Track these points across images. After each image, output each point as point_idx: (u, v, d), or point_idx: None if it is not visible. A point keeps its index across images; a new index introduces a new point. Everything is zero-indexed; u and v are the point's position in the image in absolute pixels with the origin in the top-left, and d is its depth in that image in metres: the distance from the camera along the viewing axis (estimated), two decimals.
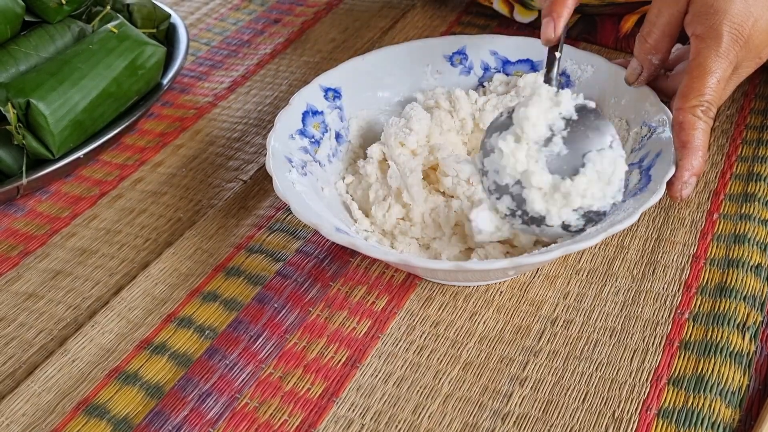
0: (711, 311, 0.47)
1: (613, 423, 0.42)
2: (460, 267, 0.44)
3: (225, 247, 0.56)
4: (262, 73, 0.77)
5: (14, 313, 0.54)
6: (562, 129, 0.47)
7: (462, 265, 0.43)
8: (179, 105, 0.74)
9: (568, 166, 0.47)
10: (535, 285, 0.50)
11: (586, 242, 0.43)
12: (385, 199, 0.52)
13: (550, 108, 0.47)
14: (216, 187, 0.63)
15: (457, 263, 0.44)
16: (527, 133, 0.47)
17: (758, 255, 0.50)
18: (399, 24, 0.80)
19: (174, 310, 0.51)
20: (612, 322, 0.47)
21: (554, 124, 0.47)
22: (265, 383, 0.46)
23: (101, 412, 0.45)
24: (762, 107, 0.63)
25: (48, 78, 0.62)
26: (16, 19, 0.65)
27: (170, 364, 0.48)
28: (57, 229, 0.61)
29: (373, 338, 0.48)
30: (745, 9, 0.48)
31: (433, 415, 0.43)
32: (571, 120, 0.47)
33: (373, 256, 0.46)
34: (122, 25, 0.67)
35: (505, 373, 0.45)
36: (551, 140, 0.47)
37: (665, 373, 0.44)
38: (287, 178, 0.51)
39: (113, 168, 0.67)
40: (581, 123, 0.47)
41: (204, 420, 0.44)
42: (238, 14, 0.88)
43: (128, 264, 0.56)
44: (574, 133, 0.47)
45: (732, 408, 0.42)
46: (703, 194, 0.55)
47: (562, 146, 0.47)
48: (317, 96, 0.58)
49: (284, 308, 0.50)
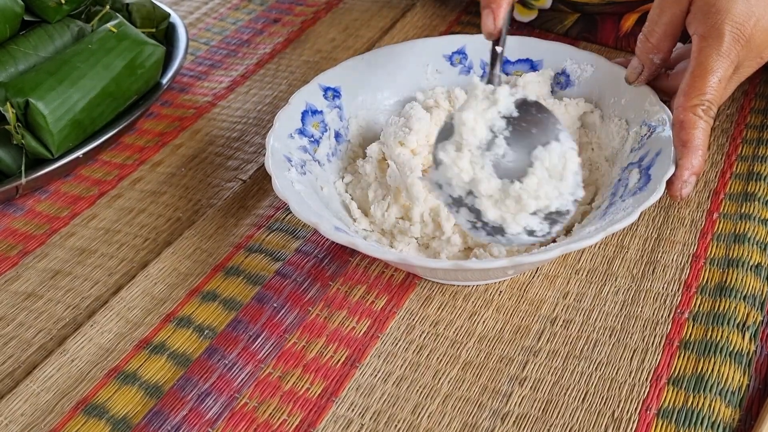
0: (711, 311, 0.47)
1: (613, 423, 0.41)
2: (460, 266, 0.43)
3: (224, 247, 0.56)
4: (261, 73, 0.77)
5: (13, 312, 0.53)
6: (503, 129, 0.44)
7: (461, 264, 0.43)
8: (178, 104, 0.74)
9: (517, 167, 0.44)
10: (534, 285, 0.50)
11: (585, 241, 0.43)
12: (384, 198, 0.52)
13: (487, 108, 0.44)
14: (215, 187, 0.63)
15: (456, 262, 0.43)
16: (467, 139, 0.44)
17: (758, 254, 0.50)
18: (399, 24, 0.80)
19: (173, 310, 0.51)
20: (612, 321, 0.47)
21: (494, 124, 0.44)
22: (264, 383, 0.46)
23: (100, 411, 0.45)
24: (762, 106, 0.63)
25: (47, 77, 0.62)
26: (15, 19, 0.65)
27: (169, 363, 0.48)
28: (56, 228, 0.61)
29: (372, 338, 0.48)
30: (746, 9, 0.48)
31: (432, 414, 0.43)
32: (512, 117, 0.44)
33: (373, 255, 0.46)
34: (121, 25, 0.67)
35: (504, 372, 0.45)
36: (494, 142, 0.44)
37: (665, 373, 0.44)
38: (286, 178, 0.50)
39: (112, 167, 0.66)
40: (523, 119, 0.44)
41: (203, 420, 0.44)
42: (238, 14, 0.88)
43: (127, 263, 0.56)
44: (517, 131, 0.44)
45: (732, 408, 0.41)
46: (703, 193, 0.55)
47: (506, 147, 0.44)
48: (317, 95, 0.58)
49: (283, 308, 0.50)
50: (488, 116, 0.44)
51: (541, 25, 0.75)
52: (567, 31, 0.74)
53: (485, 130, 0.44)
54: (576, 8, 0.73)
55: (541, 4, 0.74)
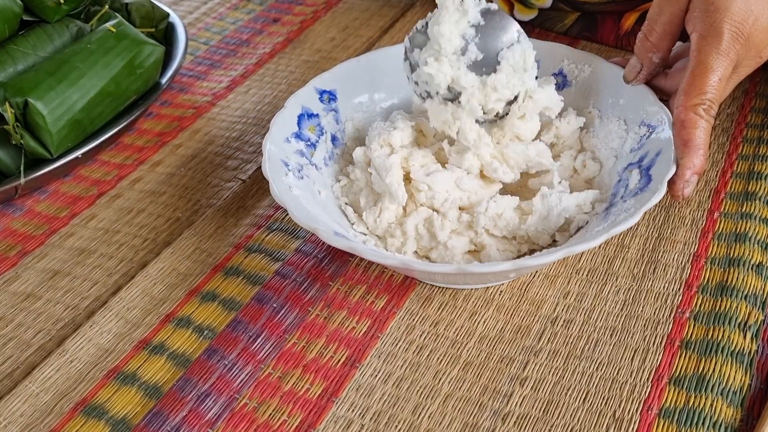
0: (712, 310, 0.47)
1: (614, 423, 0.41)
2: (462, 270, 0.43)
3: (224, 247, 0.56)
4: (261, 73, 0.77)
5: (12, 313, 0.53)
6: (473, 36, 0.51)
7: (464, 267, 0.43)
8: (178, 104, 0.74)
9: (487, 65, 0.51)
10: (535, 284, 0.50)
11: (588, 243, 0.43)
12: (375, 204, 0.52)
13: (459, 20, 0.50)
14: (215, 187, 0.63)
15: (459, 266, 0.43)
16: (445, 48, 0.50)
17: (759, 253, 0.50)
18: (398, 23, 0.80)
19: (172, 310, 0.51)
20: (612, 321, 0.47)
21: (466, 33, 0.51)
22: (264, 383, 0.46)
23: (99, 412, 0.45)
24: (763, 105, 0.62)
25: (46, 77, 0.61)
26: (14, 19, 0.65)
27: (169, 364, 0.48)
28: (55, 228, 0.61)
29: (372, 338, 0.48)
30: (745, 7, 0.48)
31: (432, 415, 0.43)
32: (480, 25, 0.51)
33: (374, 260, 0.46)
34: (120, 25, 0.67)
35: (505, 372, 0.45)
36: (467, 49, 0.50)
37: (666, 373, 0.43)
38: (284, 182, 0.50)
39: (112, 167, 0.66)
40: (489, 26, 0.51)
41: (203, 420, 0.44)
42: (237, 13, 0.88)
43: (127, 264, 0.56)
44: (485, 36, 0.51)
45: (733, 407, 0.41)
46: (703, 193, 0.55)
47: (477, 52, 0.50)
48: (312, 98, 0.58)
49: (283, 308, 0.50)
50: (461, 26, 0.51)
51: (542, 24, 0.75)
52: (567, 30, 0.74)
53: (459, 38, 0.50)
54: (576, 7, 0.73)
55: (541, 3, 0.74)
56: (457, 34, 0.50)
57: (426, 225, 0.51)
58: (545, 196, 0.50)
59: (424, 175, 0.51)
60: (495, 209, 0.50)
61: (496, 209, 0.50)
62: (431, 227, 0.50)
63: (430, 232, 0.50)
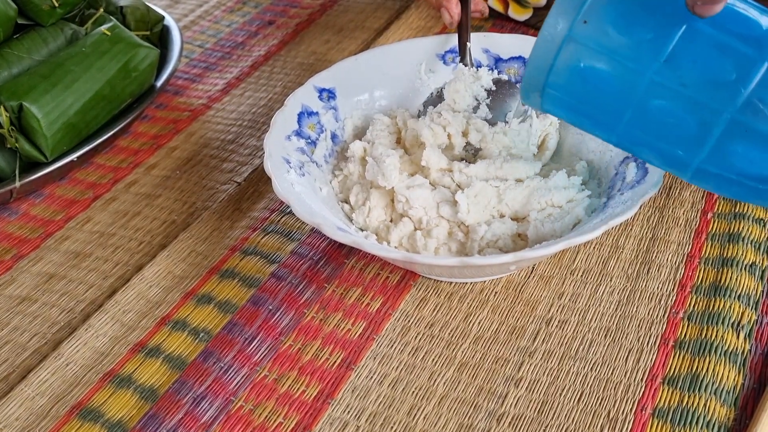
0: (705, 310, 0.47)
1: (609, 423, 0.41)
2: (465, 262, 0.44)
3: (219, 250, 0.56)
4: (256, 75, 0.77)
5: (8, 316, 0.53)
6: (485, 98, 0.57)
7: (466, 260, 0.44)
8: (173, 107, 0.74)
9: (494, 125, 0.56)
10: (529, 285, 0.50)
11: (587, 235, 0.44)
12: (364, 204, 0.52)
13: (472, 82, 0.57)
14: (210, 190, 0.63)
15: (461, 258, 0.44)
16: (458, 103, 0.57)
17: (752, 254, 0.50)
18: (393, 25, 0.80)
19: (168, 313, 0.51)
20: (607, 321, 0.47)
21: (478, 94, 0.57)
22: (260, 385, 0.46)
23: (95, 415, 0.45)
24: None
25: (41, 81, 0.61)
26: (8, 22, 0.65)
27: (164, 367, 0.48)
28: (50, 232, 0.61)
29: (368, 340, 0.48)
30: None
31: (428, 416, 0.43)
32: (491, 90, 0.57)
33: (377, 254, 0.46)
34: (115, 28, 0.67)
35: (500, 373, 0.45)
36: (479, 107, 0.57)
37: (660, 373, 0.44)
38: (286, 179, 0.50)
39: (107, 171, 0.66)
40: (499, 92, 0.58)
41: (199, 423, 0.44)
42: (232, 16, 0.88)
43: (122, 267, 0.56)
44: (495, 100, 0.57)
45: (727, 407, 0.41)
46: (697, 193, 0.55)
47: (488, 111, 0.57)
48: (312, 97, 0.58)
49: (279, 310, 0.50)
50: (474, 88, 0.57)
51: (537, 23, 0.75)
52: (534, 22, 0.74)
53: (471, 98, 0.57)
54: None
55: (536, 2, 0.74)
56: (470, 93, 0.57)
57: (409, 241, 0.51)
58: (537, 226, 0.50)
59: (404, 187, 0.51)
60: (491, 236, 0.50)
61: (492, 236, 0.50)
62: (414, 245, 0.50)
63: (413, 247, 0.51)
